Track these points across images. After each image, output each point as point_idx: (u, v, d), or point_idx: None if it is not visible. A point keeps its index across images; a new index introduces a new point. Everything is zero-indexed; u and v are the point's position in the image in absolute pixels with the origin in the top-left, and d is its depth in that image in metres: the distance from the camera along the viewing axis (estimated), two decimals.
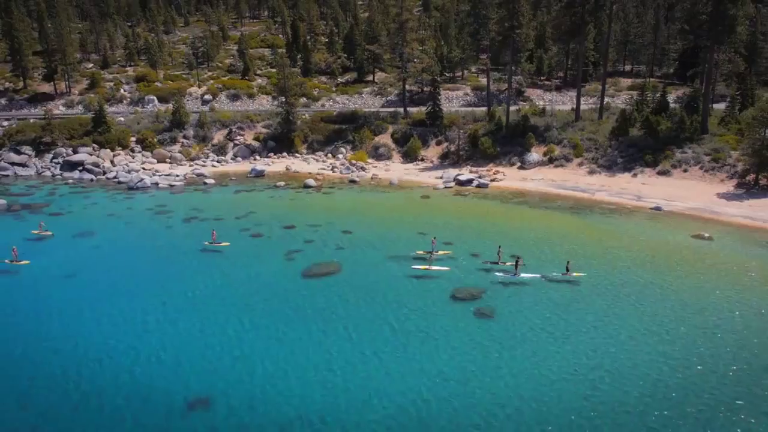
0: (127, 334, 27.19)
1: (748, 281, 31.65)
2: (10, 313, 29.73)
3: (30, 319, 28.95)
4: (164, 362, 24.68)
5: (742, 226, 40.63)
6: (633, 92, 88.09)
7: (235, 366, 24.34)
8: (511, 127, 63.25)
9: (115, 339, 26.76)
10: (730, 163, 50.83)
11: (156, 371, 24.03)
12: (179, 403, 22.11)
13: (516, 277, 31.26)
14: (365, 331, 27.16)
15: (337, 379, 23.31)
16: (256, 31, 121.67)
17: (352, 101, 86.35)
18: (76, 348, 26.10)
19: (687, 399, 21.45)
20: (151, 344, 26.22)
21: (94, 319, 28.69)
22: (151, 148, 67.80)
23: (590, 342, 25.66)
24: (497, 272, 32.45)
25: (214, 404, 21.98)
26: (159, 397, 22.41)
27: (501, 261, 32.89)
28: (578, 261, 33.36)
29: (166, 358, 24.95)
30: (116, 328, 27.84)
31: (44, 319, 28.87)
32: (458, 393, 22.24)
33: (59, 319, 28.91)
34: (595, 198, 49.20)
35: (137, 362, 24.75)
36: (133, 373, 23.87)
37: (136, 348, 25.91)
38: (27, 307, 30.39)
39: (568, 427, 20.14)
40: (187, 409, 21.85)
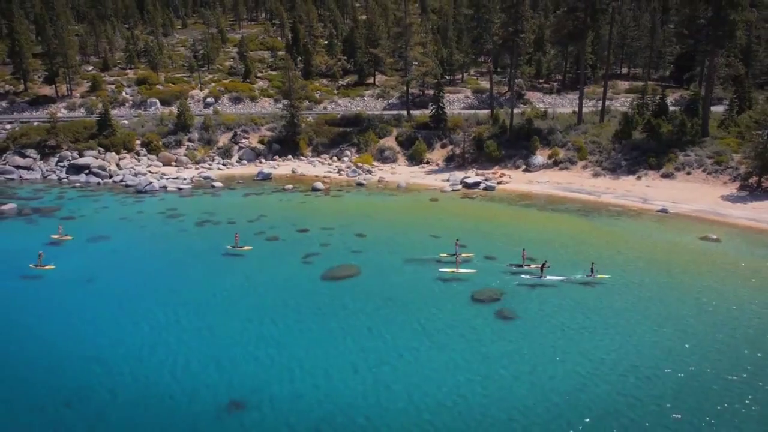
0: (164, 337, 27.58)
1: (758, 281, 32.54)
2: (47, 318, 29.90)
3: (66, 324, 29.19)
4: (204, 364, 25.11)
5: (747, 228, 41.61)
6: (631, 95, 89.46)
7: (275, 367, 24.82)
8: (515, 130, 64.09)
9: (153, 342, 27.15)
10: (732, 165, 51.89)
11: (197, 373, 24.49)
12: (222, 403, 22.55)
13: (541, 279, 31.91)
14: (397, 332, 27.69)
15: (377, 378, 23.88)
16: (254, 33, 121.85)
17: (354, 104, 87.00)
18: (115, 352, 26.40)
19: (715, 390, 22.21)
20: (189, 347, 26.66)
21: (131, 324, 28.95)
22: (156, 151, 67.99)
23: (619, 341, 26.36)
24: (523, 275, 33.09)
25: (257, 405, 22.38)
26: (202, 397, 22.88)
27: (525, 264, 33.55)
28: (588, 263, 34.06)
29: (205, 360, 25.38)
30: (153, 331, 28.18)
31: (79, 324, 29.15)
32: (496, 389, 22.85)
33: (93, 323, 29.18)
34: (601, 200, 50.07)
35: (177, 364, 25.16)
36: (175, 375, 24.33)
37: (175, 351, 26.31)
38: (61, 312, 30.59)
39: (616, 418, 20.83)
40: (229, 409, 22.29)
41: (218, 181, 59.72)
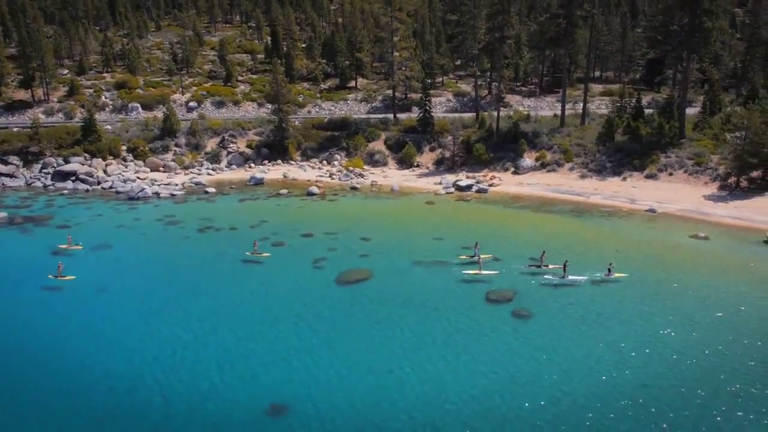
0: (198, 345, 27.93)
1: (750, 276, 34.64)
2: (77, 329, 29.90)
3: (97, 335, 29.24)
4: (239, 370, 25.58)
5: (731, 226, 43.95)
6: (605, 98, 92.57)
7: (314, 371, 25.46)
8: (502, 134, 65.77)
9: (187, 350, 27.49)
10: (711, 166, 54.52)
11: (234, 380, 24.94)
12: (261, 409, 23.07)
13: (564, 279, 33.30)
14: (422, 334, 28.62)
15: (412, 379, 24.76)
16: (231, 36, 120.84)
17: (338, 108, 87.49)
18: (150, 360, 26.69)
19: (725, 376, 23.82)
20: (222, 353, 27.09)
21: (165, 333, 29.16)
22: (143, 156, 67.27)
23: (635, 333, 27.94)
24: (546, 275, 34.36)
25: (294, 411, 22.97)
26: (240, 403, 23.37)
27: (544, 264, 34.84)
28: (594, 262, 35.66)
29: (240, 367, 25.84)
30: (188, 340, 28.44)
31: (113, 335, 29.20)
32: (525, 386, 23.97)
33: (128, 334, 29.22)
34: (591, 201, 51.99)
35: (214, 371, 25.57)
36: (213, 382, 24.74)
37: (209, 357, 26.73)
38: (92, 323, 30.51)
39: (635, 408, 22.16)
40: (268, 415, 22.83)
41: (211, 187, 59.59)
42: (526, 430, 21.46)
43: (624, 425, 21.51)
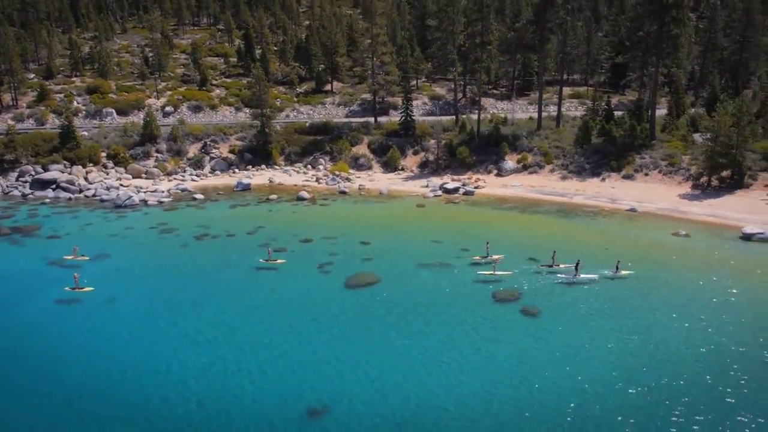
0: (230, 351, 28.61)
1: (734, 270, 37.14)
2: (108, 340, 30.09)
3: (133, 345, 29.47)
4: (276, 374, 26.37)
5: (708, 224, 46.76)
6: (574, 100, 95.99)
7: (343, 374, 26.39)
8: (484, 137, 67.62)
9: (223, 356, 28.17)
10: (684, 167, 57.60)
11: (272, 383, 25.75)
12: (299, 411, 23.82)
13: (576, 278, 35.04)
14: (448, 333, 29.86)
15: (446, 376, 25.97)
16: (200, 39, 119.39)
17: (316, 111, 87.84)
18: (186, 367, 27.25)
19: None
20: (254, 357, 27.92)
21: (199, 341, 29.65)
22: (124, 163, 66.31)
23: (637, 325, 29.86)
24: (559, 275, 36.04)
25: (332, 412, 23.79)
26: (280, 406, 24.18)
27: (555, 264, 36.48)
28: (587, 260, 37.40)
29: (275, 372, 26.61)
30: (218, 347, 29.06)
31: (146, 344, 29.55)
32: (549, 379, 25.43)
33: (161, 344, 29.59)
34: (574, 202, 54.23)
35: (252, 375, 26.36)
36: (255, 384, 25.50)
37: (244, 362, 27.55)
38: (124, 334, 30.69)
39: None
40: (307, 417, 23.59)
41: (198, 193, 59.34)
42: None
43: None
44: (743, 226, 44.02)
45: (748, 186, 53.10)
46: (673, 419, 22.73)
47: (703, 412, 23.09)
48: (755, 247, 41.29)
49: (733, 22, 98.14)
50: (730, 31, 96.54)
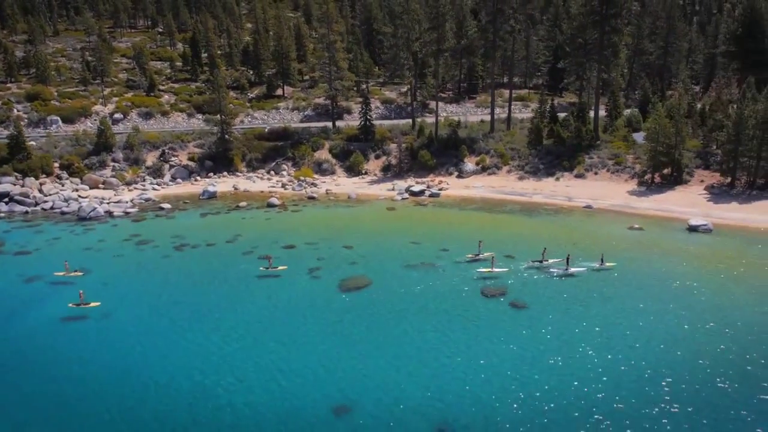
0: (253, 354, 29.73)
1: (686, 258, 41.31)
2: (134, 354, 30.21)
3: (156, 357, 29.86)
4: (299, 375, 27.59)
5: (657, 217, 51.29)
6: (518, 103, 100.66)
7: (363, 373, 27.85)
8: (443, 140, 70.33)
9: (248, 359, 29.31)
10: (629, 165, 62.47)
11: (297, 384, 26.99)
12: (325, 410, 25.13)
13: (567, 271, 38.07)
14: (443, 330, 31.80)
15: (466, 370, 28.03)
16: (140, 42, 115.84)
17: (270, 116, 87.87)
18: (212, 375, 28.00)
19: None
20: (274, 363, 28.98)
21: (223, 348, 30.46)
22: (79, 174, 64.26)
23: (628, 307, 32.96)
24: (551, 269, 38.93)
25: (356, 410, 25.20)
26: (307, 405, 25.49)
27: (545, 259, 39.27)
28: (559, 254, 40.42)
29: (295, 374, 27.79)
30: (241, 353, 30.05)
31: (167, 355, 30.03)
32: (558, 367, 27.93)
33: (179, 353, 30.16)
34: (534, 201, 57.74)
35: (277, 377, 27.55)
36: (285, 384, 26.79)
37: (267, 364, 28.71)
38: (143, 346, 30.89)
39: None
40: (333, 415, 24.92)
41: (165, 203, 58.50)
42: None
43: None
44: (688, 219, 48.69)
45: (687, 182, 58.44)
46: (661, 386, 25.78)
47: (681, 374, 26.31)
48: (701, 237, 45.92)
49: (656, 29, 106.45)
50: (655, 37, 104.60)
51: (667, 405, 24.82)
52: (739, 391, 25.75)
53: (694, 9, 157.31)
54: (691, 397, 25.35)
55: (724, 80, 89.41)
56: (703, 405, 24.83)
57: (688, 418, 24.01)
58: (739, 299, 34.79)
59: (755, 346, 29.49)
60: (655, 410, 24.52)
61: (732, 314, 32.80)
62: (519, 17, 74.44)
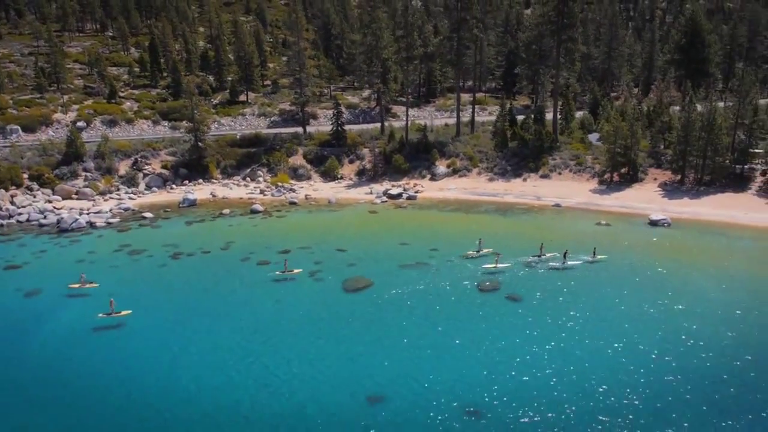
0: (285, 354, 31.52)
1: (653, 250, 45.70)
2: (181, 357, 31.53)
3: (198, 361, 31.09)
4: (331, 371, 29.59)
5: (620, 213, 55.85)
6: (476, 106, 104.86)
7: (389, 364, 30.12)
8: (414, 144, 73.15)
9: (282, 359, 31.08)
10: (589, 165, 67.20)
11: (332, 378, 29.03)
12: (361, 400, 27.38)
13: (564, 264, 41.63)
14: (458, 320, 34.53)
15: (482, 357, 30.73)
16: (91, 47, 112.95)
17: (237, 123, 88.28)
18: (259, 371, 29.99)
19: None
20: (308, 358, 30.96)
21: (245, 349, 32.00)
22: (50, 184, 63.05)
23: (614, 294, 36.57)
24: (550, 263, 42.24)
25: (389, 398, 27.46)
26: (344, 397, 27.67)
27: (543, 255, 42.60)
28: (552, 249, 43.89)
29: (330, 368, 29.84)
30: (276, 351, 31.89)
31: (207, 360, 31.14)
32: (561, 355, 31.05)
33: (217, 355, 31.52)
34: (506, 201, 61.36)
35: (313, 373, 29.50)
36: (318, 380, 28.69)
37: (302, 363, 30.61)
38: (188, 351, 32.13)
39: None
40: (368, 404, 27.10)
41: (146, 212, 58.40)
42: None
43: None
44: (649, 214, 53.47)
45: (642, 180, 63.64)
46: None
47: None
48: (662, 231, 50.66)
49: (600, 35, 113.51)
50: (599, 42, 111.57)
51: (657, 373, 28.47)
52: (714, 357, 29.75)
53: (629, 15, 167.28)
54: (671, 367, 29.11)
55: (663, 84, 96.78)
56: (684, 369, 28.60)
57: (671, 384, 27.69)
58: (701, 283, 39.64)
59: (718, 319, 34.24)
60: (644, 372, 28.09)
61: (697, 296, 37.44)
62: (481, 26, 78.08)
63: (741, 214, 53.42)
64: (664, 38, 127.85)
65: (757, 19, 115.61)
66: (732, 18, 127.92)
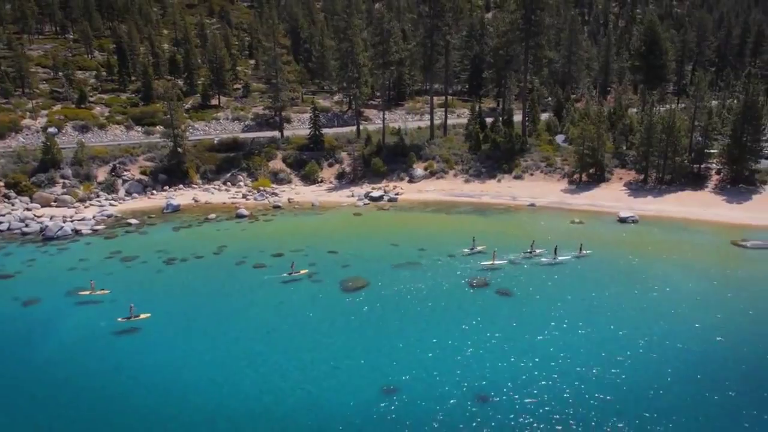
0: (299, 352, 33.17)
1: (626, 244, 49.23)
2: (207, 357, 32.76)
3: (223, 362, 32.38)
4: (345, 366, 31.43)
5: (591, 212, 59.30)
6: (442, 109, 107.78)
7: (397, 358, 32.08)
8: (391, 147, 75.24)
9: (297, 357, 32.74)
10: (559, 166, 70.75)
11: (347, 372, 30.87)
12: (375, 391, 29.28)
13: (555, 260, 44.45)
14: (456, 314, 36.78)
15: (485, 348, 33.04)
16: (53, 50, 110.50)
17: (212, 127, 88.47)
18: (276, 368, 31.70)
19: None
20: (321, 355, 32.64)
21: (269, 347, 33.74)
22: (28, 192, 62.29)
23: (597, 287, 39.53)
24: (542, 258, 45.03)
25: (402, 389, 29.42)
26: (359, 389, 29.55)
27: (533, 251, 45.42)
28: (519, 248, 46.68)
29: (343, 363, 31.68)
30: (290, 350, 33.44)
31: (232, 358, 32.64)
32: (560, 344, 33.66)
33: (238, 354, 33.00)
34: (483, 201, 64.13)
35: (329, 368, 31.22)
36: (334, 375, 30.37)
37: (317, 359, 32.27)
38: (216, 352, 33.37)
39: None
40: (384, 395, 29.01)
41: (131, 218, 58.54)
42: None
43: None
44: (617, 212, 57.14)
45: (608, 180, 67.57)
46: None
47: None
48: (631, 227, 54.38)
49: (560, 40, 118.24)
50: (560, 47, 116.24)
51: (641, 349, 31.47)
52: (682, 330, 33.03)
53: (585, 19, 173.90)
54: (652, 342, 32.19)
55: (621, 87, 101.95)
56: (662, 345, 31.73)
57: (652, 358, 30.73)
58: (669, 273, 43.44)
59: (686, 304, 38.01)
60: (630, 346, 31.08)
61: (666, 284, 41.27)
62: (452, 32, 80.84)
63: (701, 210, 57.72)
64: (619, 42, 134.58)
65: (705, 24, 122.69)
66: (682, 23, 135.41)
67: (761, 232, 51.17)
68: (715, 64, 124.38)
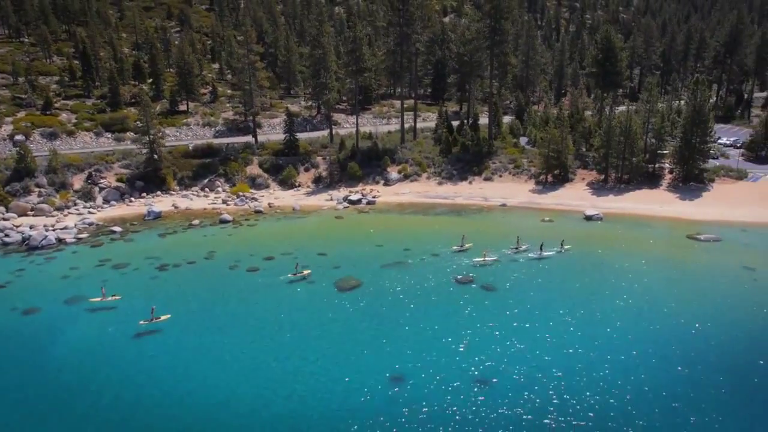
0: (312, 347, 35.41)
1: (595, 239, 53.22)
2: (226, 355, 34.75)
3: (247, 360, 34.32)
4: (352, 358, 33.84)
5: (558, 210, 63.31)
6: (409, 113, 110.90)
7: (399, 350, 34.61)
8: (365, 152, 77.55)
9: (308, 352, 34.76)
10: (525, 168, 74.71)
11: (355, 363, 33.37)
12: (384, 379, 31.76)
13: (540, 255, 47.71)
14: (447, 308, 39.57)
15: (481, 337, 35.91)
16: (8, 54, 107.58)
17: (183, 133, 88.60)
18: (290, 362, 33.19)
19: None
20: (330, 350, 34.96)
21: (281, 344, 35.84)
22: (4, 201, 61.49)
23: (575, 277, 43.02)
24: (529, 254, 48.39)
25: (408, 376, 31.96)
26: (369, 377, 32.02)
27: (520, 247, 48.59)
28: (499, 245, 49.96)
29: (350, 356, 34.08)
30: (303, 346, 35.44)
31: (255, 356, 34.67)
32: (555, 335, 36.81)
33: (253, 353, 34.99)
34: (457, 202, 67.29)
35: (338, 360, 33.38)
36: (345, 365, 32.72)
37: (327, 353, 34.67)
38: (242, 350, 35.35)
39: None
40: (392, 382, 31.53)
41: (115, 226, 58.74)
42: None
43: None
44: (583, 210, 61.34)
45: (572, 180, 71.95)
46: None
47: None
48: (596, 224, 58.59)
49: (518, 45, 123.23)
50: (518, 52, 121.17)
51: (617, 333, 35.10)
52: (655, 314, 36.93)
53: (538, 24, 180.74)
54: (629, 328, 35.88)
55: (577, 91, 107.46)
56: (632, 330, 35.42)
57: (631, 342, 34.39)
58: (637, 263, 47.71)
59: (654, 290, 42.19)
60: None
61: (633, 273, 45.55)
62: (421, 40, 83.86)
63: (657, 207, 62.58)
64: (572, 47, 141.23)
65: (650, 30, 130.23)
66: (629, 29, 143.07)
67: (712, 226, 56.21)
68: (660, 69, 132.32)
